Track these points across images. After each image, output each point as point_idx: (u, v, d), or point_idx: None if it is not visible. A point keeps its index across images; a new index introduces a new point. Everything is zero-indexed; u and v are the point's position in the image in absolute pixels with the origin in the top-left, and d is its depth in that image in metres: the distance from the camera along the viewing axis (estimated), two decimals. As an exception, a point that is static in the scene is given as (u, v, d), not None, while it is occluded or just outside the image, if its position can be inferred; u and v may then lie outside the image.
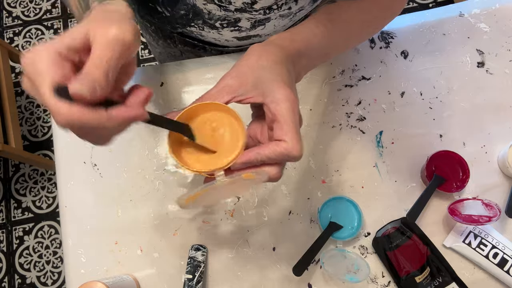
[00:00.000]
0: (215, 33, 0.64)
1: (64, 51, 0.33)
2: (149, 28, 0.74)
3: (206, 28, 0.63)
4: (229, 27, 0.62)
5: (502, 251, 0.60)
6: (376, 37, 0.73)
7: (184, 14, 0.61)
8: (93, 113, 0.32)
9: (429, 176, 0.63)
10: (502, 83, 0.70)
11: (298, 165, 0.67)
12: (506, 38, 0.73)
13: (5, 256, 1.56)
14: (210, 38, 0.67)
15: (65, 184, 0.66)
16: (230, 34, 0.64)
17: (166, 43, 0.75)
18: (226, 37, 0.65)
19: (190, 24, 0.63)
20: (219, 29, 0.63)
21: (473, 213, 0.61)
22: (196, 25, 0.63)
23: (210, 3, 0.56)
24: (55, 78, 0.32)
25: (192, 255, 0.61)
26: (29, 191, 1.62)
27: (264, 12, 0.57)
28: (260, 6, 0.56)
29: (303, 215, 0.65)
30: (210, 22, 0.61)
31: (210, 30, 0.63)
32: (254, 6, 0.55)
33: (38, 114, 1.71)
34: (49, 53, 0.32)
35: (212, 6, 0.57)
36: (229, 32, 0.63)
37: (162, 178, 0.66)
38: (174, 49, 0.77)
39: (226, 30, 0.63)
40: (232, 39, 0.66)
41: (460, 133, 0.68)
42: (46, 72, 0.32)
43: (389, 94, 0.70)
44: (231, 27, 0.62)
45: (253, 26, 0.62)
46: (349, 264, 0.60)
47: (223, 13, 0.58)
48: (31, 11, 1.84)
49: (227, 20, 0.60)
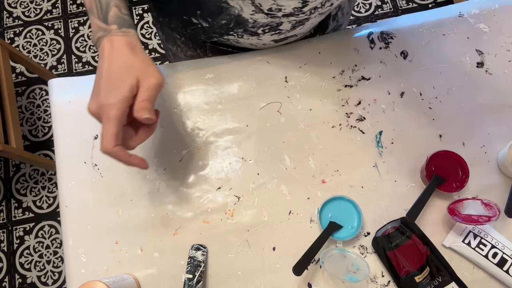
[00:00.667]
0: (254, 39, 0.65)
1: (126, 106, 0.49)
2: (178, 40, 0.75)
3: (245, 35, 0.64)
4: (270, 31, 0.62)
5: (502, 251, 0.60)
6: (376, 37, 0.73)
7: (224, 24, 0.62)
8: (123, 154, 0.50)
9: (429, 176, 0.63)
10: (502, 83, 0.70)
11: (298, 165, 0.67)
12: (505, 38, 0.73)
13: (5, 256, 1.56)
14: (247, 44, 0.68)
15: (65, 184, 0.66)
16: (269, 38, 0.65)
17: (196, 53, 0.76)
18: (265, 42, 0.66)
19: (229, 33, 0.64)
20: (260, 35, 0.63)
21: (472, 213, 0.61)
22: (235, 33, 0.64)
23: (258, 13, 0.57)
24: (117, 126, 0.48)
25: (192, 254, 0.61)
26: (30, 191, 1.62)
27: (310, 12, 0.58)
28: (308, 8, 0.56)
29: (303, 215, 0.65)
30: (252, 30, 0.61)
31: (250, 37, 0.64)
32: (303, 9, 0.56)
33: (38, 114, 1.71)
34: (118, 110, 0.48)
35: (259, 16, 0.57)
36: (269, 36, 0.64)
37: (162, 178, 0.66)
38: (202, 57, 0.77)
39: (267, 35, 0.63)
40: (270, 42, 0.67)
41: (459, 133, 0.68)
42: (112, 121, 0.48)
43: (388, 94, 0.70)
44: (272, 31, 0.62)
45: (293, 27, 0.63)
46: (349, 264, 0.60)
47: (269, 20, 0.59)
48: (31, 12, 1.84)
49: (270, 26, 0.60)
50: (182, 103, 0.70)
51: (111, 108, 0.48)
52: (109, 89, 0.49)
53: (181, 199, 0.65)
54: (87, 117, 0.69)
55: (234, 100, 0.70)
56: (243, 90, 0.70)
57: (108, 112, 0.48)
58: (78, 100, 0.70)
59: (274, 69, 0.71)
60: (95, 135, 0.68)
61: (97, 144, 0.68)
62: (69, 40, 1.80)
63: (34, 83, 1.75)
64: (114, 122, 0.48)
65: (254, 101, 0.70)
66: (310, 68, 0.71)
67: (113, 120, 0.48)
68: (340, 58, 0.72)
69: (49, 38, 1.80)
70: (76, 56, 1.78)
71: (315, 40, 0.72)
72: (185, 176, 0.66)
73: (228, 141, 0.68)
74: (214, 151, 0.68)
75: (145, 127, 0.53)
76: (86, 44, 1.79)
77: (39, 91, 1.74)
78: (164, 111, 0.69)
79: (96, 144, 0.68)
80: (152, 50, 1.77)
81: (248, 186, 0.66)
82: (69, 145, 0.68)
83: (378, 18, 1.81)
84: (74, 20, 1.83)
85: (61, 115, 0.70)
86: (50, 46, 1.79)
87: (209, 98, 0.70)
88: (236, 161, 0.67)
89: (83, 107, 0.70)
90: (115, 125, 0.48)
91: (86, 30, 1.81)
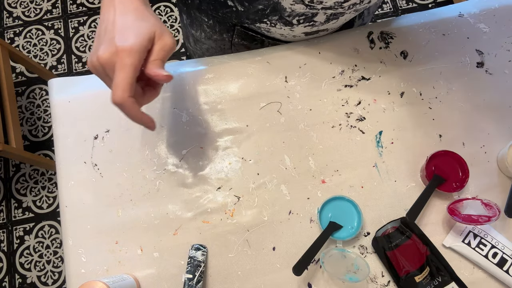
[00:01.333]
0: (287, 29, 0.63)
1: (143, 56, 0.45)
2: (205, 24, 0.72)
3: (279, 24, 0.62)
4: (304, 23, 0.61)
5: (502, 251, 0.60)
6: (376, 37, 0.73)
7: (260, 9, 0.60)
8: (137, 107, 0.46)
9: (429, 176, 0.64)
10: (502, 83, 0.70)
11: (298, 165, 0.67)
12: (505, 38, 0.73)
13: (5, 256, 1.56)
14: (277, 34, 0.66)
15: (65, 184, 0.66)
16: (301, 30, 0.63)
17: (221, 37, 0.74)
18: (296, 33, 0.65)
19: (262, 20, 0.63)
20: (294, 26, 0.62)
21: (472, 213, 0.61)
22: (269, 21, 0.62)
23: (298, 3, 0.56)
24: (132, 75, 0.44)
25: (192, 254, 0.61)
26: (30, 191, 1.62)
27: (348, 7, 0.57)
28: (348, 4, 0.56)
29: (303, 215, 0.65)
30: (287, 19, 0.60)
31: (283, 27, 0.63)
32: (344, 4, 0.55)
33: (38, 114, 1.71)
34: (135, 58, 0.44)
35: (299, 6, 0.56)
36: (302, 28, 0.63)
37: (162, 178, 0.66)
38: (227, 43, 0.75)
39: (301, 26, 0.62)
40: (301, 34, 0.66)
41: (459, 133, 0.68)
42: (128, 70, 0.44)
43: (388, 94, 0.70)
44: (307, 22, 0.61)
45: (327, 20, 0.62)
46: (349, 264, 0.60)
47: (307, 10, 0.58)
48: (31, 12, 1.84)
49: (305, 16, 0.59)
50: (182, 103, 0.70)
51: (128, 55, 0.44)
52: (125, 36, 0.44)
53: (181, 199, 0.65)
54: (87, 117, 0.70)
55: (234, 100, 0.70)
56: (243, 90, 0.70)
57: (124, 59, 0.43)
58: (78, 100, 0.70)
59: (274, 69, 0.71)
60: (95, 135, 0.68)
61: (97, 144, 0.68)
62: (69, 40, 1.80)
63: (34, 83, 1.75)
64: (130, 70, 0.44)
65: (254, 101, 0.70)
66: (310, 68, 0.71)
67: (129, 68, 0.44)
68: (340, 58, 0.72)
69: (49, 38, 1.80)
70: (76, 56, 1.78)
71: (315, 40, 0.72)
72: (185, 176, 0.66)
73: (228, 141, 0.68)
74: (214, 151, 0.68)
75: (151, 90, 0.50)
76: (86, 44, 1.79)
77: (39, 91, 1.74)
78: (164, 111, 0.69)
79: (96, 144, 0.68)
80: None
81: (248, 186, 0.66)
82: (69, 145, 0.68)
83: (378, 18, 1.80)
84: (74, 20, 1.83)
85: (61, 115, 0.70)
86: (50, 46, 1.79)
87: (209, 98, 0.70)
88: (236, 161, 0.67)
89: (83, 107, 0.70)
90: (131, 73, 0.44)
91: (86, 30, 1.81)
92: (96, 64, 0.45)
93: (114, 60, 0.44)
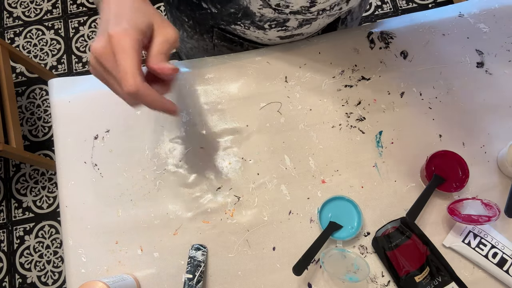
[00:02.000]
0: (260, 33, 0.64)
1: (140, 38, 0.41)
2: (186, 24, 0.72)
3: (252, 27, 0.62)
4: (276, 27, 0.62)
5: (502, 251, 0.60)
6: (376, 37, 0.73)
7: (233, 12, 0.60)
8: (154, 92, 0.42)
9: (429, 176, 0.63)
10: (502, 83, 0.70)
11: (298, 165, 0.67)
12: (505, 38, 0.73)
13: (5, 256, 1.56)
14: (252, 37, 0.67)
15: (65, 184, 0.66)
16: (275, 34, 0.64)
17: (202, 38, 0.74)
18: (270, 37, 0.65)
19: (236, 23, 0.63)
20: (266, 30, 0.62)
21: (472, 213, 0.61)
22: (242, 24, 0.63)
23: (266, 7, 0.56)
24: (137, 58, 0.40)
25: (192, 254, 0.61)
26: (30, 191, 1.62)
27: (317, 13, 0.57)
28: (316, 9, 0.56)
29: (303, 215, 0.65)
30: (259, 23, 0.61)
31: (256, 30, 0.63)
32: (311, 9, 0.56)
33: (38, 114, 1.71)
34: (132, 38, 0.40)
35: (267, 10, 0.57)
36: (275, 32, 0.63)
37: (162, 178, 0.66)
38: (209, 44, 0.75)
39: (273, 30, 0.63)
40: (276, 38, 0.66)
41: (459, 133, 0.68)
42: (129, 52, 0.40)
43: (388, 94, 0.70)
44: (279, 27, 0.62)
45: (300, 25, 0.62)
46: (349, 264, 0.60)
47: (276, 15, 0.58)
48: (31, 12, 1.84)
49: (276, 21, 0.60)
50: (182, 103, 0.70)
51: (124, 37, 0.40)
52: (118, 22, 0.41)
53: (181, 199, 0.65)
54: (87, 117, 0.70)
55: (234, 100, 0.70)
56: (243, 90, 0.70)
57: (121, 42, 0.39)
58: (78, 100, 0.70)
59: (274, 69, 0.71)
60: (95, 135, 0.68)
61: (97, 144, 0.68)
62: (69, 40, 1.80)
63: (34, 83, 1.75)
64: (132, 52, 0.40)
65: (254, 101, 0.70)
66: (310, 68, 0.71)
67: (130, 50, 0.39)
68: (340, 58, 0.72)
69: (49, 38, 1.80)
70: (76, 56, 1.78)
71: (315, 40, 0.72)
72: (185, 176, 0.66)
73: (228, 141, 0.68)
74: (214, 151, 0.68)
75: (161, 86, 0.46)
76: (86, 44, 1.79)
77: (39, 91, 1.74)
78: (164, 111, 0.69)
79: (96, 144, 0.68)
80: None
81: (248, 186, 0.66)
82: (69, 145, 0.68)
83: (378, 18, 1.80)
84: (74, 20, 1.83)
85: (61, 115, 0.70)
86: (50, 46, 1.80)
87: (209, 98, 0.70)
88: (236, 161, 0.67)
89: (83, 107, 0.70)
90: (134, 55, 0.40)
91: (86, 30, 1.81)
92: (93, 62, 0.42)
93: (108, 49, 0.40)
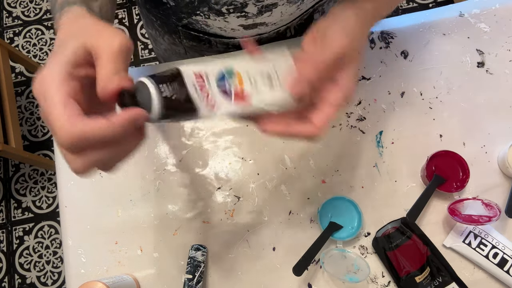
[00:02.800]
0: (221, 21, 0.64)
1: (71, 70, 0.34)
2: (155, 23, 0.73)
3: (212, 15, 0.62)
4: (235, 12, 0.61)
5: (502, 251, 0.60)
6: (376, 37, 0.73)
7: (189, 1, 0.60)
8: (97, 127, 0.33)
9: (429, 176, 0.63)
10: (502, 83, 0.70)
11: (298, 165, 0.67)
12: (506, 38, 0.73)
13: (5, 256, 1.56)
14: (215, 28, 0.66)
15: (65, 184, 0.66)
16: (236, 22, 0.64)
17: (171, 38, 0.74)
18: (233, 26, 0.65)
19: (196, 12, 0.63)
20: (226, 15, 0.62)
21: (473, 213, 0.61)
22: (202, 13, 0.63)
23: None
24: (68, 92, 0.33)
25: (192, 255, 0.61)
26: (29, 191, 1.62)
27: None
28: None
29: (303, 215, 0.65)
30: (216, 7, 0.60)
31: (216, 18, 0.63)
32: None
33: (38, 114, 1.71)
34: (54, 76, 0.33)
35: None
36: (235, 19, 0.63)
37: (162, 178, 0.66)
38: (179, 47, 0.76)
39: (233, 16, 0.62)
40: (239, 28, 0.66)
41: (460, 133, 0.68)
42: (54, 94, 0.32)
43: (389, 94, 0.70)
44: (238, 12, 0.61)
45: (259, 12, 0.61)
46: (349, 264, 0.60)
47: None
48: (31, 11, 1.84)
49: (234, 5, 0.59)
50: (182, 103, 0.70)
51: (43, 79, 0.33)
52: (49, 58, 0.35)
53: (181, 199, 0.65)
54: (86, 117, 0.69)
55: (234, 100, 0.70)
56: (243, 90, 0.70)
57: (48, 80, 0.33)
58: (77, 100, 0.70)
59: (274, 69, 0.71)
60: (95, 135, 0.68)
61: (97, 144, 0.68)
62: (68, 40, 1.80)
63: (33, 83, 1.75)
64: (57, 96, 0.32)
65: (254, 101, 0.70)
66: (310, 68, 0.71)
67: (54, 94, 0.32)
68: (340, 58, 0.71)
69: (48, 38, 1.80)
70: (75, 56, 1.77)
71: (315, 40, 0.72)
72: (185, 176, 0.66)
73: (228, 141, 0.68)
74: (214, 151, 0.68)
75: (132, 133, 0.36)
76: (86, 44, 1.79)
77: (38, 91, 1.74)
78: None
79: (95, 144, 0.68)
80: (152, 50, 1.77)
81: (248, 186, 0.66)
82: (69, 145, 0.68)
83: (378, 18, 1.80)
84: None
85: (60, 115, 0.69)
86: (49, 45, 1.79)
87: (209, 98, 0.70)
88: (236, 161, 0.67)
89: (82, 107, 0.70)
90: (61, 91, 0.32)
91: (85, 30, 1.81)
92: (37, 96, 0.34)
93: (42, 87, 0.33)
